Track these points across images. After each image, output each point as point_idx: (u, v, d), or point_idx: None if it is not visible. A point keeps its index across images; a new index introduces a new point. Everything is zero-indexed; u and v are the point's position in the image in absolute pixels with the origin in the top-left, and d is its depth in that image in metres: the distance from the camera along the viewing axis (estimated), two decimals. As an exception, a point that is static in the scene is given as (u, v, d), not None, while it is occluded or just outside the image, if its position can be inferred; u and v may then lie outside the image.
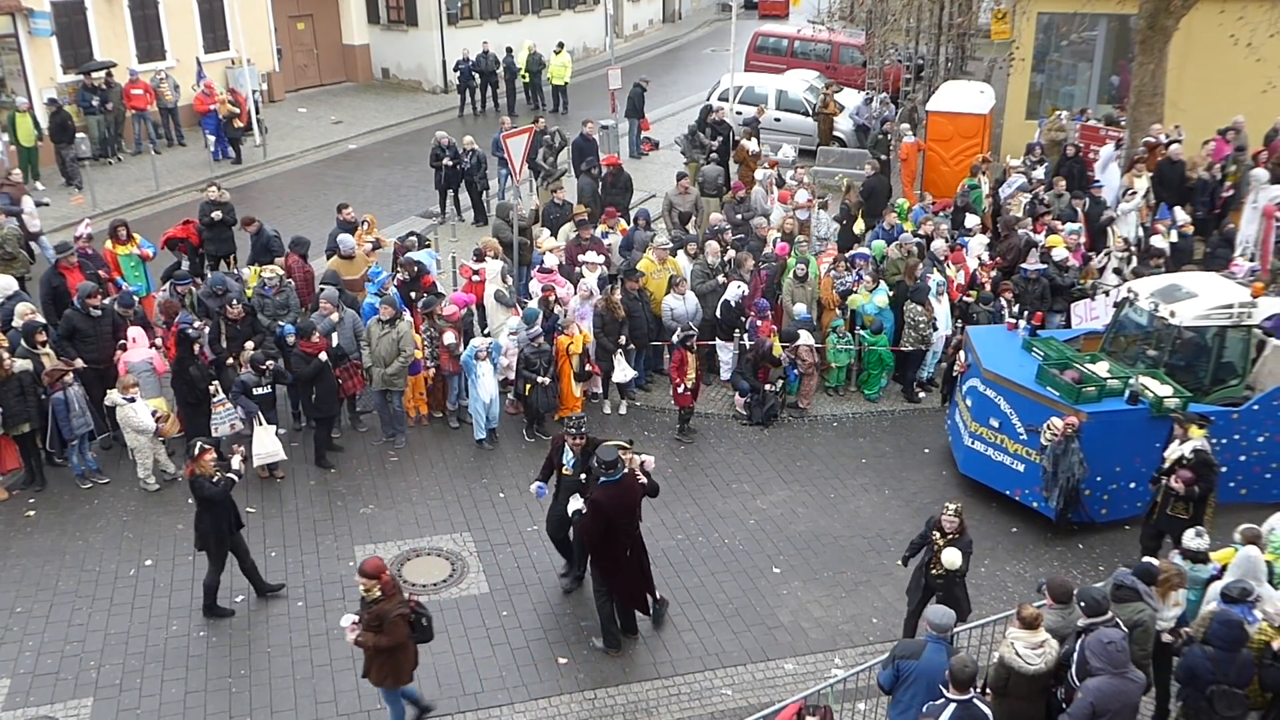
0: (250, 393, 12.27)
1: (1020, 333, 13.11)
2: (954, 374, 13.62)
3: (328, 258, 15.32)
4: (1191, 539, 9.28)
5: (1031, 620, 7.83)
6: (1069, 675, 7.74)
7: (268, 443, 12.27)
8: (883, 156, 21.24)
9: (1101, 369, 11.96)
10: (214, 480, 9.99)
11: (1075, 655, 7.71)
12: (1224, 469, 11.69)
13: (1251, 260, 14.74)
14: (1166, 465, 10.54)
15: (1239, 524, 9.41)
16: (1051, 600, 8.30)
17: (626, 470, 9.63)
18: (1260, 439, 11.95)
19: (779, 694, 9.43)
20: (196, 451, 10.03)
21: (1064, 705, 7.73)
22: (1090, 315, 14.33)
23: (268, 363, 12.43)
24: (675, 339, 13.64)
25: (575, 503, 9.94)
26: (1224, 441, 11.71)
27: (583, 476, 10.19)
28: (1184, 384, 11.97)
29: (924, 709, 7.40)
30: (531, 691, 9.59)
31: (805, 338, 14.16)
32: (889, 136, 21.58)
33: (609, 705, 9.49)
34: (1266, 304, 12.25)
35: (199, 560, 11.18)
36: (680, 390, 13.58)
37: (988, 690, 8.00)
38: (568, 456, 10.40)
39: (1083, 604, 7.86)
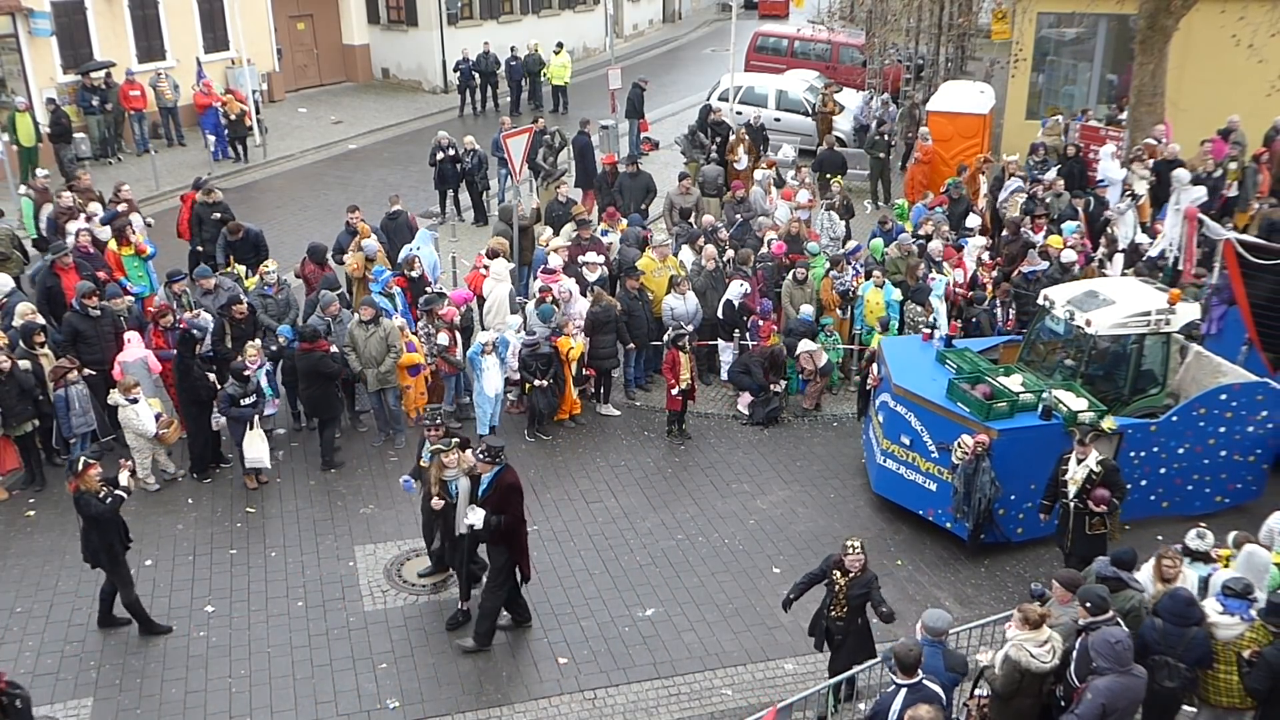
0: (238, 403, 12.09)
1: (935, 343, 12.71)
2: (867, 388, 13.18)
3: (334, 259, 15.31)
4: (1194, 539, 9.27)
5: (1037, 620, 7.83)
6: (1069, 673, 7.74)
7: (257, 447, 12.18)
8: (881, 155, 21.24)
9: (1015, 382, 11.53)
10: (100, 497, 9.50)
11: (1075, 653, 7.73)
12: (1144, 482, 11.58)
13: (1175, 263, 14.53)
14: (1072, 488, 10.11)
15: (1157, 534, 9.39)
16: (1064, 596, 8.29)
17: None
18: (1180, 450, 11.67)
19: (779, 694, 9.42)
20: (80, 467, 9.51)
21: (1063, 703, 7.74)
22: None
23: (248, 369, 12.24)
24: (667, 338, 13.61)
25: (474, 515, 9.46)
26: (1143, 454, 11.51)
27: (458, 488, 10.01)
28: (1104, 394, 11.69)
29: (876, 698, 7.46)
30: (531, 691, 9.59)
31: (806, 344, 14.11)
32: (886, 137, 21.54)
33: (609, 705, 9.49)
34: (1185, 310, 11.91)
35: (199, 560, 11.22)
36: (674, 392, 13.51)
37: (986, 694, 8.00)
38: (425, 449, 10.35)
39: (1087, 604, 7.86)
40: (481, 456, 9.58)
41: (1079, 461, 10.13)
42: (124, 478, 9.84)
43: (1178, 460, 11.73)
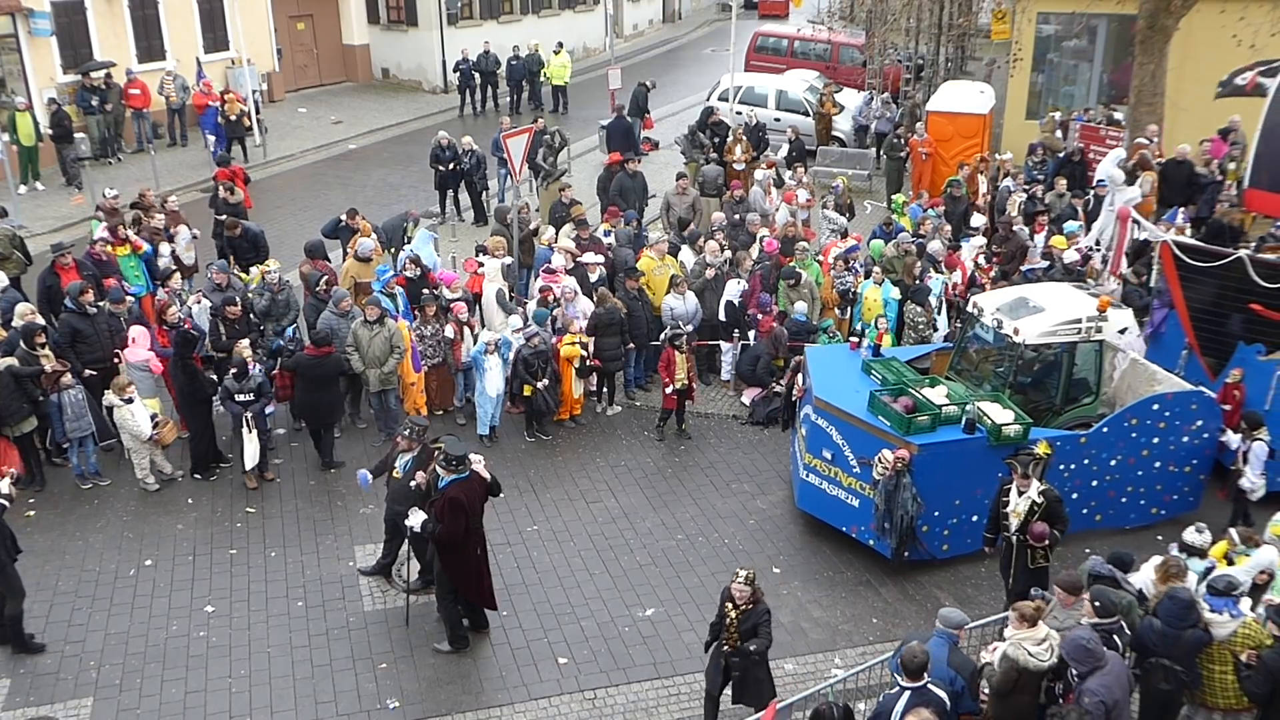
0: (234, 397, 12.11)
1: (863, 353, 12.35)
2: (793, 399, 12.68)
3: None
4: (1192, 535, 9.28)
5: (1033, 617, 7.85)
6: (1069, 673, 7.76)
7: (250, 449, 12.19)
8: (901, 155, 21.15)
9: (939, 394, 11.17)
10: None
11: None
12: (1075, 495, 11.26)
13: (1104, 263, 14.40)
14: (1014, 521, 9.60)
15: (1088, 549, 9.34)
16: (1067, 599, 8.30)
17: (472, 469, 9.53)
18: (1112, 462, 11.34)
19: (779, 694, 9.41)
20: None
21: (1061, 699, 7.77)
22: None
23: (249, 366, 12.24)
24: (663, 337, 13.56)
25: (415, 517, 9.47)
26: (1073, 467, 11.17)
27: (415, 484, 9.93)
28: (1036, 403, 11.48)
29: (880, 698, 7.50)
30: (531, 691, 9.59)
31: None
32: (903, 139, 21.46)
33: (609, 705, 9.50)
34: (1117, 316, 11.64)
35: (199, 560, 11.22)
36: (668, 391, 13.48)
37: (985, 693, 8.01)
38: (400, 460, 10.31)
39: (1096, 604, 7.92)
40: (440, 462, 9.43)
41: (1020, 493, 9.60)
42: (4, 485, 9.60)
43: (1110, 472, 11.39)
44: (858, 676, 8.90)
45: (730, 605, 8.40)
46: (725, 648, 8.50)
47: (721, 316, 14.67)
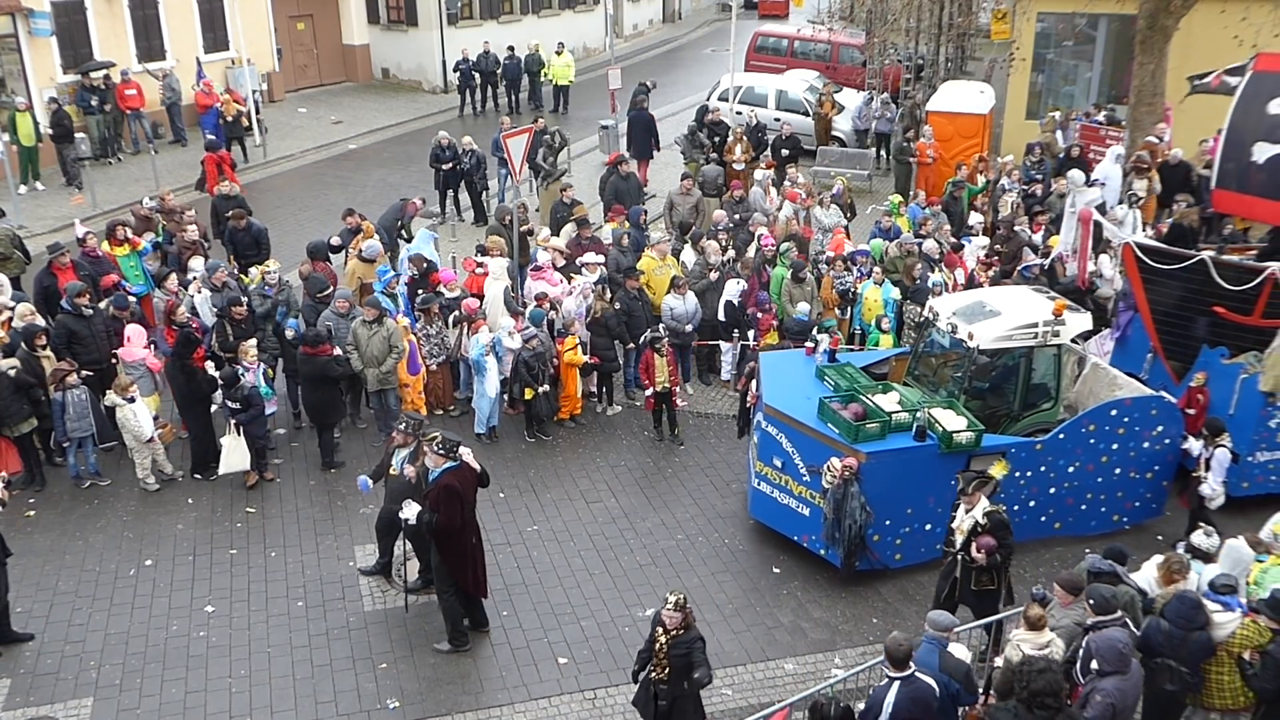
0: (225, 402, 12.12)
1: (819, 358, 12.16)
2: (747, 406, 12.48)
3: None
4: (1200, 538, 9.26)
5: (1036, 622, 7.84)
6: (1074, 671, 7.76)
7: (237, 456, 12.17)
8: (910, 160, 21.09)
9: (891, 400, 10.94)
10: None
11: (1081, 652, 7.79)
12: (1032, 503, 11.18)
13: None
14: (958, 537, 9.42)
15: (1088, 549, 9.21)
16: (1066, 599, 8.29)
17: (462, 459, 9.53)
18: (1070, 469, 11.16)
19: (779, 694, 9.42)
20: None
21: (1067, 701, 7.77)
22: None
23: (242, 375, 12.23)
24: (643, 339, 13.44)
25: (409, 509, 9.47)
26: (1030, 474, 10.99)
27: (406, 476, 9.97)
28: (994, 409, 11.32)
29: (871, 692, 7.53)
30: (531, 691, 9.59)
31: None
32: (911, 144, 21.41)
33: (609, 705, 9.49)
34: (1075, 321, 11.35)
35: (199, 560, 11.22)
36: (647, 393, 13.42)
37: (990, 693, 8.01)
38: (397, 457, 10.30)
39: (1091, 601, 7.90)
40: (435, 448, 9.40)
41: (967, 511, 9.39)
42: None
43: (1069, 479, 11.21)
44: (858, 676, 8.89)
45: (661, 630, 8.07)
46: (653, 674, 8.17)
47: (721, 316, 14.66)
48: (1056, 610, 8.33)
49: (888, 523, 10.69)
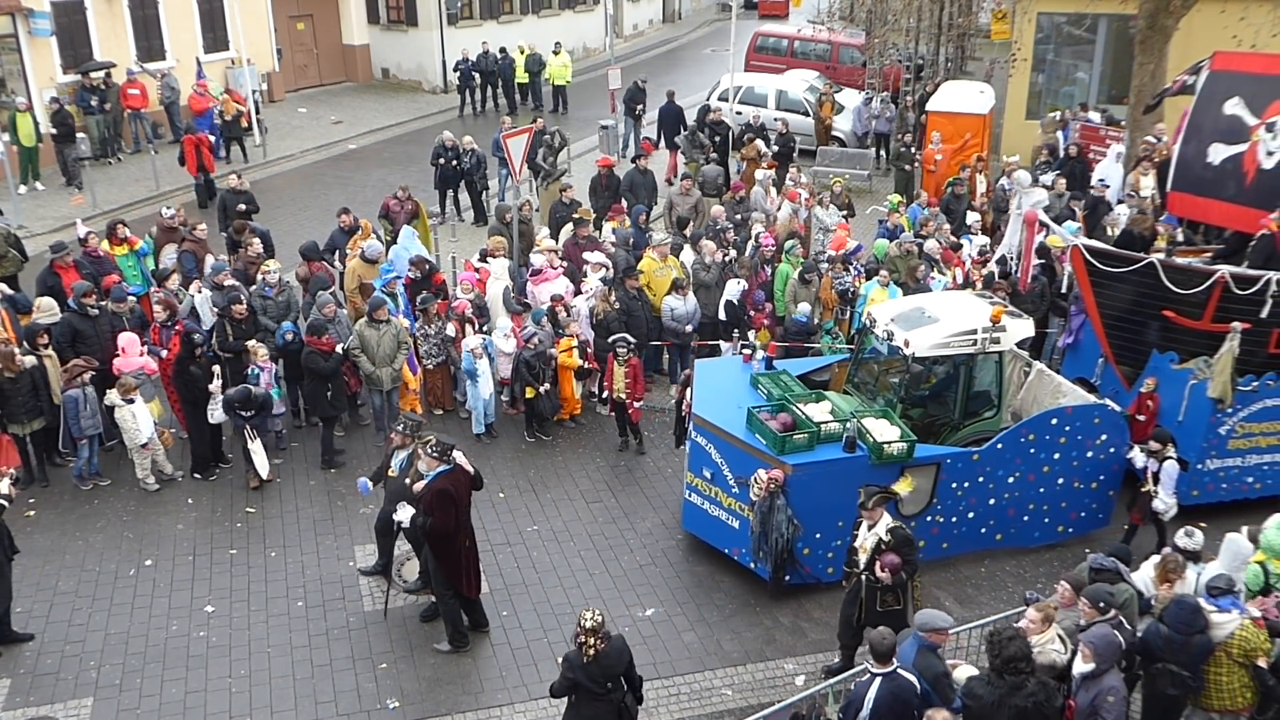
0: (235, 409, 12.15)
1: (756, 365, 11.73)
2: (682, 414, 12.10)
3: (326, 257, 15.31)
4: (1183, 539, 9.24)
5: (1037, 625, 7.84)
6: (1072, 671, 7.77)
7: (261, 459, 12.27)
8: (907, 166, 21.07)
9: (822, 410, 10.61)
10: None
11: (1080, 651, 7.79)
12: (971, 515, 10.94)
13: (1013, 270, 13.87)
14: (861, 557, 9.05)
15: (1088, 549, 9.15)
16: (1070, 598, 8.28)
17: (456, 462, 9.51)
18: (1010, 479, 10.86)
19: (779, 694, 9.42)
20: None
21: (1067, 699, 7.77)
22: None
23: (256, 382, 12.31)
24: (608, 342, 13.28)
25: (403, 513, 9.45)
26: (966, 485, 10.72)
27: (410, 484, 9.84)
28: (935, 418, 11.07)
29: (853, 687, 7.50)
30: (531, 691, 9.58)
31: None
32: (911, 148, 21.39)
33: (609, 705, 9.49)
34: (1016, 327, 11.02)
35: (199, 560, 11.22)
36: (603, 396, 13.34)
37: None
38: (396, 458, 10.28)
39: (1088, 601, 7.90)
40: (428, 451, 9.38)
41: (869, 528, 9.02)
42: (4, 485, 9.56)
43: (1008, 490, 10.94)
44: (857, 677, 8.88)
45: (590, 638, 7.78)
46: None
47: (721, 316, 14.66)
48: (1058, 610, 8.34)
49: (818, 536, 10.37)
